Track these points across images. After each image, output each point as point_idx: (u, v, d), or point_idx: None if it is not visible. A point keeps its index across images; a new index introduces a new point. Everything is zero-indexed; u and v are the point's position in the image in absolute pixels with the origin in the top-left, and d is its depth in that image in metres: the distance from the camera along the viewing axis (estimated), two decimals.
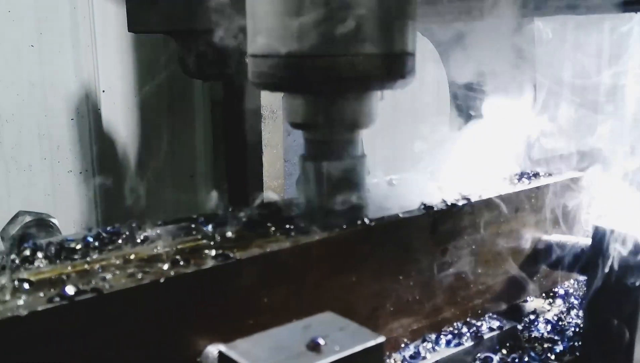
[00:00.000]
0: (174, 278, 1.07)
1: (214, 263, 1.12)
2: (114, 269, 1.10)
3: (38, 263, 1.14)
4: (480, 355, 1.45)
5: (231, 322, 1.14)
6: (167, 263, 1.12)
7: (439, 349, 1.43)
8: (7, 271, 1.09)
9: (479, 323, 1.53)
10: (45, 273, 1.09)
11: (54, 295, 0.97)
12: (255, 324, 1.14)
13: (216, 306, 1.13)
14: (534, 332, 1.56)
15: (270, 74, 1.32)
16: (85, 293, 0.98)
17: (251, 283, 1.17)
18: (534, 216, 1.66)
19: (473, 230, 1.51)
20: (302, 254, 1.24)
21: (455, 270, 1.49)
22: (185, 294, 1.09)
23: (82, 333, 0.98)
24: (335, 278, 1.29)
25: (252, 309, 1.17)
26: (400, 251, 1.39)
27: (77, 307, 0.96)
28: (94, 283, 1.03)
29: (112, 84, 3.10)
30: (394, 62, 1.31)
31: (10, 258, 1.14)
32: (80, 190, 3.08)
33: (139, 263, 1.13)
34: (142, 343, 1.04)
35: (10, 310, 0.93)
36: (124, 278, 1.06)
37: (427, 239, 1.43)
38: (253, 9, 1.33)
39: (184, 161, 3.34)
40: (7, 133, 2.86)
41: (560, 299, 1.73)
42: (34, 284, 1.04)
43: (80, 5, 2.97)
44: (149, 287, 1.04)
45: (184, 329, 1.09)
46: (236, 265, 1.14)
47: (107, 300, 0.99)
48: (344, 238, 1.30)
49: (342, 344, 0.93)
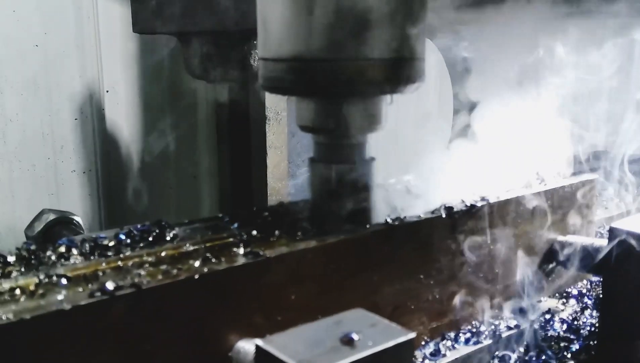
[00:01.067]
0: (208, 274, 1.10)
1: (244, 261, 1.16)
2: (147, 266, 1.14)
3: (73, 260, 1.18)
4: (498, 353, 1.49)
5: (260, 318, 1.18)
6: (199, 260, 1.15)
7: (458, 347, 1.47)
8: (44, 267, 1.13)
9: (497, 322, 1.57)
10: (80, 269, 1.13)
11: (95, 290, 1.00)
12: (283, 320, 1.19)
13: (246, 302, 1.16)
14: (550, 330, 1.60)
15: (280, 78, 1.33)
16: (125, 289, 1.01)
17: (279, 280, 1.20)
18: (551, 217, 1.70)
19: (492, 230, 1.55)
20: (328, 253, 1.27)
21: (474, 269, 1.53)
22: (218, 290, 1.12)
23: (122, 327, 1.01)
24: (359, 276, 1.32)
25: (279, 306, 1.21)
26: (421, 251, 1.43)
27: (117, 302, 0.99)
28: (129, 279, 1.06)
29: (116, 85, 3.10)
30: (403, 67, 1.32)
31: (46, 254, 1.17)
32: (83, 190, 3.08)
33: (171, 260, 1.17)
34: (177, 337, 1.08)
35: (54, 304, 0.96)
36: (158, 274, 1.09)
37: (447, 239, 1.47)
38: (264, 14, 1.34)
39: (188, 162, 3.34)
40: (11, 133, 2.86)
41: (574, 299, 1.77)
42: (71, 279, 1.07)
43: (85, 6, 2.97)
44: (184, 283, 1.07)
45: (216, 324, 1.13)
46: (266, 262, 1.18)
47: (146, 295, 1.02)
48: (367, 238, 1.34)
49: (375, 339, 0.95)
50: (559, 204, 1.72)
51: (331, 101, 1.36)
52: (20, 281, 1.07)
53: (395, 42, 1.29)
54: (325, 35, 1.25)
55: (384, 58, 1.29)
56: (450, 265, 1.49)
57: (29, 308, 0.95)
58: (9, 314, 0.92)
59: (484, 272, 1.57)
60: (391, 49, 1.29)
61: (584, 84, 1.65)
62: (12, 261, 1.15)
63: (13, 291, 1.02)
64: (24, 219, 2.92)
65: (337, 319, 1.02)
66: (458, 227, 1.48)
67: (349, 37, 1.25)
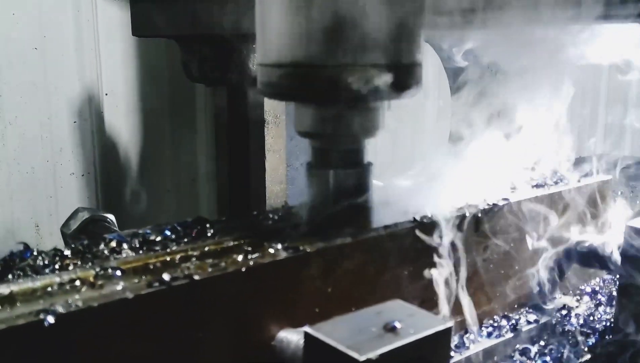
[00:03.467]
0: (254, 267, 1.17)
1: (286, 255, 1.22)
2: (194, 259, 1.20)
3: (125, 254, 1.25)
4: (519, 346, 1.57)
5: (300, 309, 1.24)
6: (241, 255, 1.21)
7: (481, 340, 1.54)
8: (98, 261, 1.20)
9: (517, 317, 1.65)
10: (132, 262, 1.19)
11: (152, 280, 1.06)
12: (321, 312, 1.25)
13: (287, 294, 1.23)
14: (567, 325, 1.67)
15: (278, 83, 1.33)
16: (180, 280, 1.07)
17: (317, 274, 1.26)
18: (568, 216, 1.78)
19: (513, 229, 1.63)
20: (362, 248, 1.34)
21: (496, 265, 1.61)
22: (262, 282, 1.18)
23: (176, 316, 1.07)
24: (390, 271, 1.39)
25: (317, 298, 1.27)
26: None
27: (173, 292, 1.06)
28: (179, 271, 1.11)
29: (115, 88, 3.10)
30: (401, 73, 1.32)
31: (99, 248, 1.25)
32: (82, 193, 3.08)
33: (215, 254, 1.23)
34: (226, 327, 1.15)
35: (116, 293, 1.02)
36: (206, 267, 1.15)
37: (471, 236, 1.54)
38: (262, 19, 1.34)
39: (186, 165, 3.35)
40: (9, 135, 2.86)
41: (587, 296, 1.85)
42: (125, 272, 1.14)
43: (84, 9, 2.98)
44: (232, 275, 1.14)
45: (260, 314, 1.19)
46: (305, 256, 1.24)
47: (198, 286, 1.09)
48: (398, 235, 1.40)
49: (416, 327, 1.01)
50: (577, 204, 1.81)
51: (329, 107, 1.36)
52: (79, 273, 1.14)
53: (393, 48, 1.30)
54: (323, 41, 1.26)
55: (382, 64, 1.29)
56: (474, 261, 1.56)
57: (92, 297, 1.01)
58: (78, 302, 0.98)
59: (505, 268, 1.66)
60: (389, 55, 1.30)
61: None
62: (68, 254, 1.22)
63: (73, 282, 1.11)
64: (23, 222, 2.93)
65: (377, 309, 1.08)
66: (482, 225, 1.56)
67: (347, 43, 1.26)
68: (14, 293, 1.06)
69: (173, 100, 3.26)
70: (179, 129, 3.30)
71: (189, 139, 3.33)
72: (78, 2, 2.96)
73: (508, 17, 1.56)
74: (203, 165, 3.39)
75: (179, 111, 3.28)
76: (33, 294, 1.06)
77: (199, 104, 3.34)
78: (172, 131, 3.29)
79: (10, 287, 1.08)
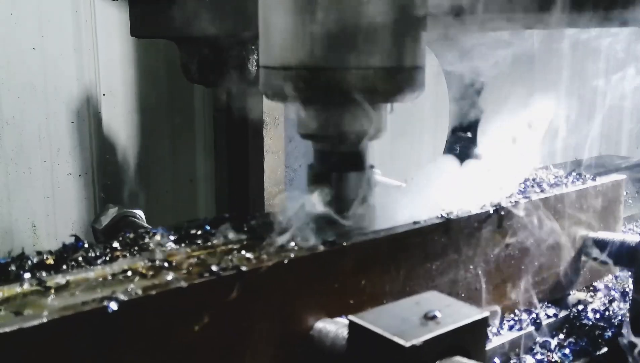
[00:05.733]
0: (295, 259, 1.21)
1: (324, 248, 1.26)
2: (235, 252, 1.26)
3: (169, 246, 1.31)
4: (539, 339, 1.63)
5: (336, 300, 1.29)
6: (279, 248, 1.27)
7: (503, 333, 1.60)
8: (146, 253, 1.25)
9: (537, 311, 1.70)
10: (176, 255, 1.25)
11: (202, 271, 1.11)
12: (355, 303, 1.30)
13: (324, 286, 1.27)
14: (584, 320, 1.72)
15: (281, 85, 1.34)
16: (228, 270, 1.12)
17: (352, 267, 1.31)
18: (585, 214, 1.84)
19: (533, 224, 1.68)
20: (395, 243, 1.38)
21: (517, 261, 1.67)
22: (301, 274, 1.23)
23: (225, 305, 1.12)
24: (420, 265, 1.44)
25: (352, 290, 1.31)
26: (471, 244, 1.55)
27: (223, 281, 1.11)
28: (223, 263, 1.15)
29: (113, 88, 3.10)
30: (404, 76, 1.33)
31: (144, 241, 1.31)
32: (79, 193, 3.08)
33: (254, 247, 1.28)
34: (268, 316, 1.19)
35: (171, 282, 1.07)
36: (246, 258, 1.20)
37: (494, 233, 1.60)
38: (266, 22, 1.35)
39: (184, 166, 3.35)
40: (7, 135, 2.85)
41: (601, 292, 1.90)
42: (172, 263, 1.19)
43: (83, 9, 2.98)
44: (275, 267, 1.18)
45: (300, 305, 1.24)
46: (342, 250, 1.29)
47: (244, 277, 1.14)
48: (428, 231, 1.44)
49: (455, 317, 1.06)
50: (592, 203, 1.87)
51: (332, 109, 1.37)
52: (129, 265, 1.20)
53: (396, 51, 1.31)
54: (327, 44, 1.26)
55: (385, 67, 1.30)
56: (498, 256, 1.62)
57: (147, 286, 1.05)
58: (138, 290, 1.02)
59: (525, 264, 1.71)
60: (392, 58, 1.30)
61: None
62: (117, 247, 1.28)
63: (126, 273, 1.16)
64: (20, 222, 2.93)
65: (415, 300, 1.13)
66: (505, 222, 1.62)
67: (351, 45, 1.27)
68: (70, 282, 1.11)
69: (171, 101, 3.26)
70: (178, 130, 3.30)
71: (187, 140, 3.33)
72: (77, 3, 2.96)
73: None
74: (201, 166, 3.39)
75: (177, 111, 3.28)
76: (89, 284, 1.11)
77: (197, 105, 3.34)
78: (171, 132, 3.29)
79: (66, 277, 1.13)
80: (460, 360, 1.02)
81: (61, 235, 3.02)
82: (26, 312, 0.97)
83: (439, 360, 1.01)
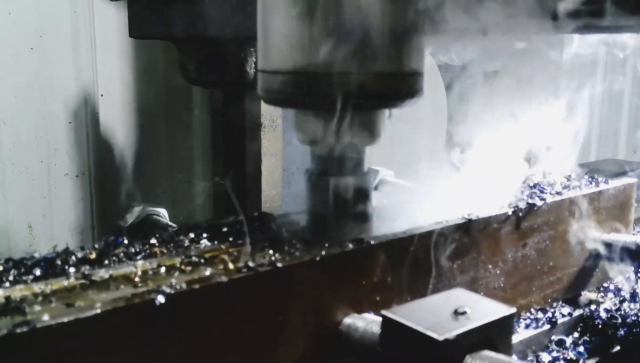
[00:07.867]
0: (326, 256, 1.25)
1: (352, 246, 1.30)
2: (266, 249, 1.29)
3: (203, 243, 1.35)
4: (554, 337, 1.68)
5: (363, 297, 1.33)
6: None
7: (519, 331, 1.64)
8: (181, 249, 1.31)
9: (553, 310, 1.76)
10: (209, 252, 1.30)
11: (241, 267, 1.16)
12: (381, 300, 1.35)
13: (353, 283, 1.31)
14: (597, 319, 1.76)
15: (279, 90, 1.34)
16: (264, 266, 1.17)
17: (379, 264, 1.35)
18: (598, 216, 1.89)
19: (550, 226, 1.74)
20: (420, 243, 1.42)
21: (534, 262, 1.72)
22: (332, 271, 1.27)
23: (262, 300, 1.18)
24: (443, 264, 1.48)
25: (378, 287, 1.36)
26: (491, 244, 1.59)
27: (260, 277, 1.17)
28: (257, 261, 1.20)
29: (110, 89, 3.09)
30: (403, 81, 1.33)
31: (179, 238, 1.36)
32: (76, 194, 3.07)
33: (280, 245, 1.31)
34: (303, 310, 1.24)
35: (211, 277, 1.12)
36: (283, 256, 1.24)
37: (512, 233, 1.65)
38: (264, 26, 1.34)
39: (182, 167, 3.34)
40: (4, 136, 2.84)
41: (612, 293, 1.94)
42: (207, 259, 1.24)
43: (81, 9, 2.97)
44: (308, 263, 1.23)
45: (331, 300, 1.28)
46: (369, 248, 1.33)
47: (280, 272, 1.19)
48: (452, 230, 1.48)
49: (484, 313, 1.10)
50: (605, 205, 1.92)
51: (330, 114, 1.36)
52: (166, 260, 1.26)
53: (395, 56, 1.31)
54: (325, 48, 1.26)
55: (384, 72, 1.30)
56: (515, 257, 1.67)
57: (189, 280, 1.10)
58: (181, 284, 1.08)
59: (540, 264, 1.76)
60: (391, 63, 1.30)
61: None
62: (155, 243, 1.34)
63: (165, 268, 1.22)
64: (17, 223, 2.91)
65: (444, 296, 1.19)
66: (522, 223, 1.67)
67: (350, 50, 1.27)
68: (113, 276, 1.16)
69: (169, 102, 3.25)
70: (175, 131, 3.29)
71: (185, 141, 3.32)
72: (75, 3, 2.95)
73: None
74: (199, 168, 3.38)
75: (175, 113, 3.27)
76: (131, 278, 1.16)
77: (195, 107, 3.33)
78: (168, 133, 3.28)
79: (109, 271, 1.18)
80: (489, 353, 1.06)
81: (57, 235, 3.01)
82: (77, 304, 1.02)
83: (469, 354, 1.05)
